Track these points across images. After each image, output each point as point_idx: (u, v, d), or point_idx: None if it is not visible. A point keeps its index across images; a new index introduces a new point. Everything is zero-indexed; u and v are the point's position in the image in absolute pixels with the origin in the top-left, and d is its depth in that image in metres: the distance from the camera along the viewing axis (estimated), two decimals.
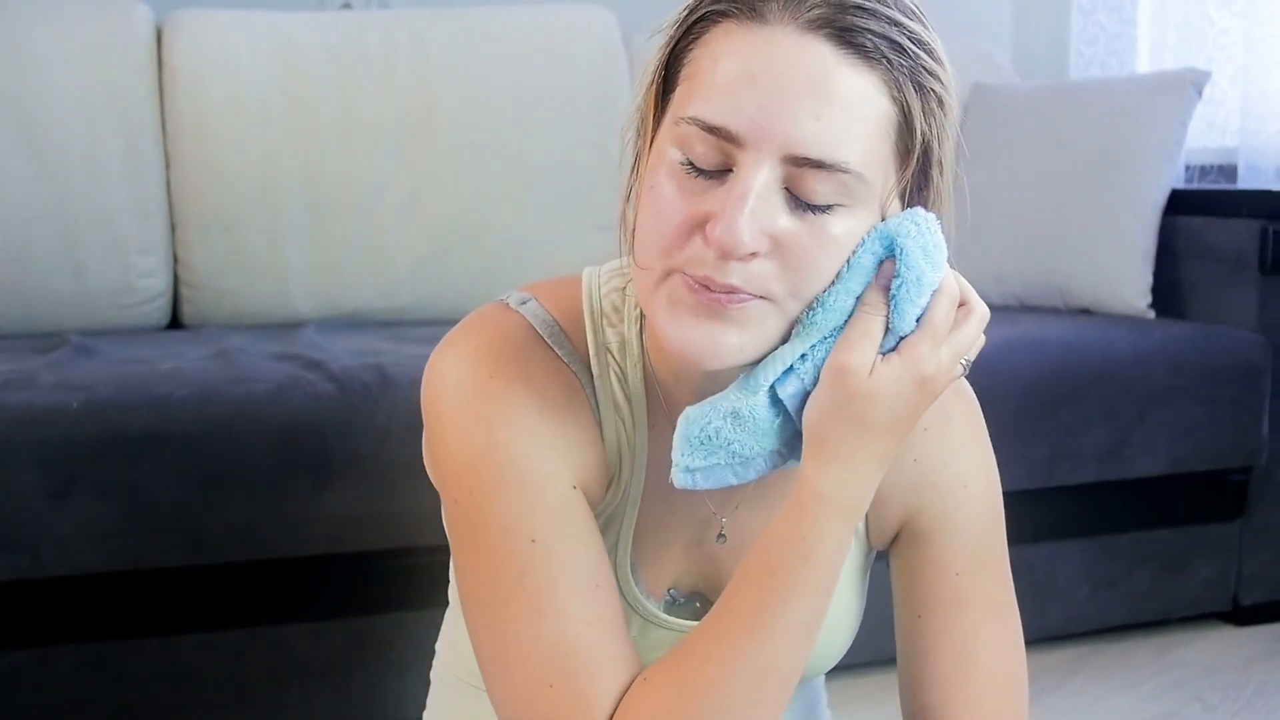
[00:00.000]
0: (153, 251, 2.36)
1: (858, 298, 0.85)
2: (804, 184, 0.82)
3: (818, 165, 0.81)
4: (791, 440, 0.89)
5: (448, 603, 1.15)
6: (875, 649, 1.25)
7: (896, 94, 0.83)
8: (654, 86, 0.87)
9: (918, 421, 0.88)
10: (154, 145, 2.36)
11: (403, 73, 2.47)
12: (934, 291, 0.85)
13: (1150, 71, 2.98)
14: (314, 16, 2.54)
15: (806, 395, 0.87)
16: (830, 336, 0.86)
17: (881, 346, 0.85)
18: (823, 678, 1.18)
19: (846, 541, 0.88)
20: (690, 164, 0.83)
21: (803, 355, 0.86)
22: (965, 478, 1.02)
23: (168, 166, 2.39)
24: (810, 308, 0.85)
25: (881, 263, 0.85)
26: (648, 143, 0.88)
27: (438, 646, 1.18)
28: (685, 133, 0.83)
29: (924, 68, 0.84)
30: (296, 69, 2.42)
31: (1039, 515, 2.04)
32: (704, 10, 0.84)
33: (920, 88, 0.84)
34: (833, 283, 0.85)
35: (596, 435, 0.96)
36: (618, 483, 0.98)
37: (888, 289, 0.84)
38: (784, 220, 0.82)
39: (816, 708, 1.18)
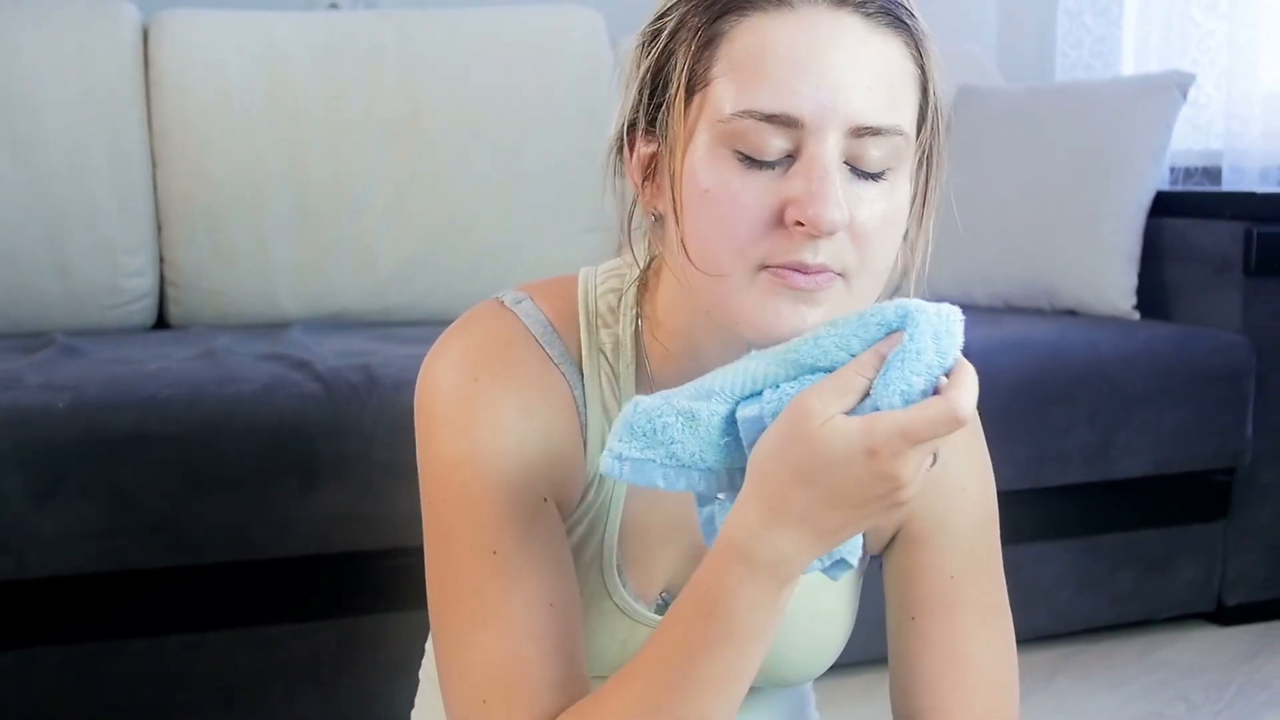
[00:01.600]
0: (139, 251, 2.35)
1: (852, 355, 0.81)
2: (862, 153, 0.83)
3: (876, 132, 0.82)
4: (734, 475, 0.85)
5: None
6: (863, 649, 1.25)
7: (916, 54, 0.86)
8: (680, 92, 0.86)
9: (865, 516, 0.80)
10: (140, 145, 2.36)
11: (389, 73, 2.47)
12: (936, 388, 0.79)
13: (1135, 74, 2.99)
14: (301, 17, 2.54)
15: (762, 429, 0.82)
16: (809, 378, 0.82)
17: (854, 410, 0.79)
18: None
19: (764, 604, 0.82)
20: (748, 158, 0.83)
21: (775, 384, 0.83)
22: (963, 481, 1.02)
23: (154, 166, 2.38)
24: (802, 339, 0.83)
25: (890, 334, 0.81)
26: (681, 150, 0.86)
27: (428, 645, 1.18)
28: (738, 128, 0.82)
29: (927, 32, 0.87)
30: (283, 69, 2.42)
31: (1024, 516, 2.03)
32: (721, 9, 0.84)
33: (929, 51, 0.87)
34: (831, 324, 0.83)
35: (579, 440, 0.96)
36: (600, 485, 0.98)
37: (884, 359, 0.80)
38: (850, 194, 0.83)
39: (805, 709, 1.18)
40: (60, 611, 1.71)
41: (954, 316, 0.81)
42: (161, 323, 2.43)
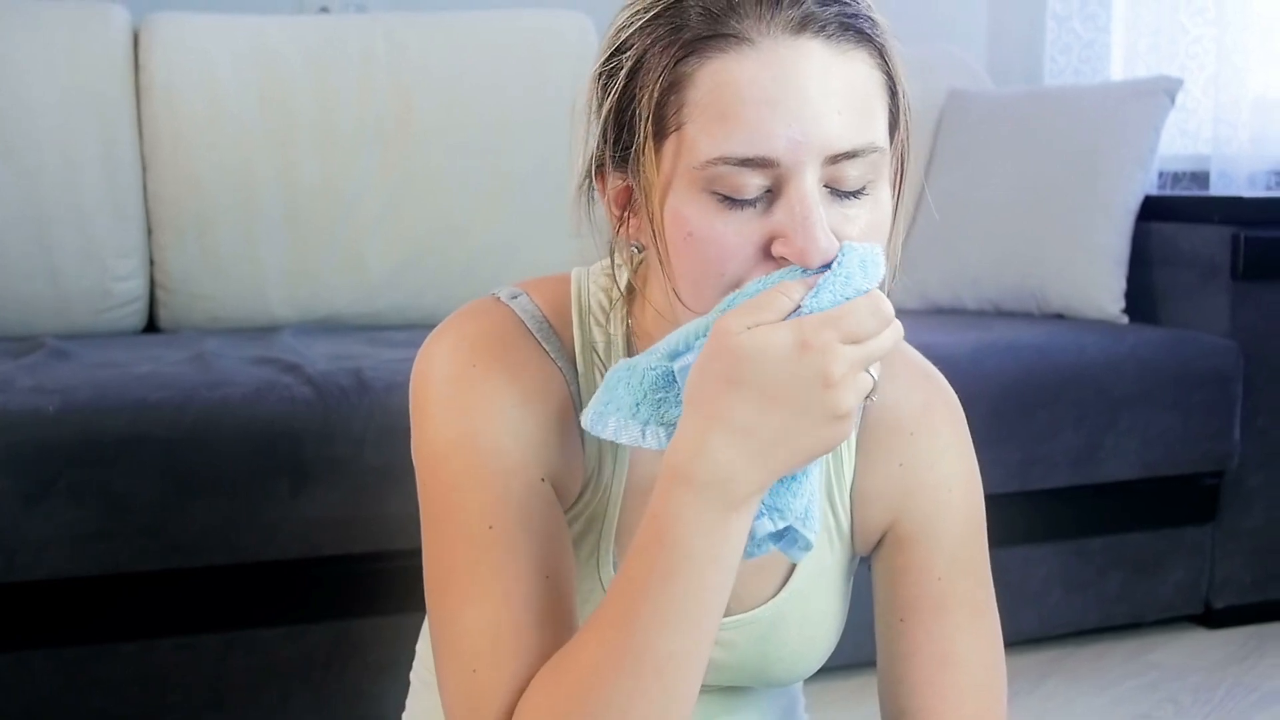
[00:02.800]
0: (129, 255, 2.35)
1: None
2: (840, 176, 0.83)
3: (853, 155, 0.82)
4: (673, 431, 0.85)
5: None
6: (852, 651, 1.26)
7: (881, 62, 0.85)
8: (649, 141, 0.85)
9: (802, 425, 0.79)
10: (130, 149, 2.36)
11: (380, 77, 2.47)
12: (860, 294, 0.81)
13: (1124, 79, 3.01)
14: (292, 20, 2.54)
15: None
16: None
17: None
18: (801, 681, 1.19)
19: (711, 529, 0.81)
20: (727, 198, 0.82)
21: (706, 333, 0.83)
22: (950, 482, 1.02)
23: (144, 170, 2.38)
24: (732, 294, 0.84)
25: (815, 274, 0.82)
26: (661, 198, 0.85)
27: (418, 648, 1.18)
28: (715, 173, 0.82)
29: (887, 29, 0.86)
30: (274, 73, 2.42)
31: (1012, 519, 2.05)
32: (682, 50, 0.83)
33: (892, 53, 0.86)
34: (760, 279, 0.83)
35: (576, 436, 0.97)
36: (597, 482, 0.99)
37: (810, 286, 0.81)
38: (834, 215, 0.83)
39: (794, 711, 1.19)
40: (50, 615, 1.71)
41: (878, 249, 0.83)
42: (151, 326, 2.43)
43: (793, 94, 0.81)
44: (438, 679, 0.94)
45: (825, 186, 0.83)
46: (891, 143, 0.87)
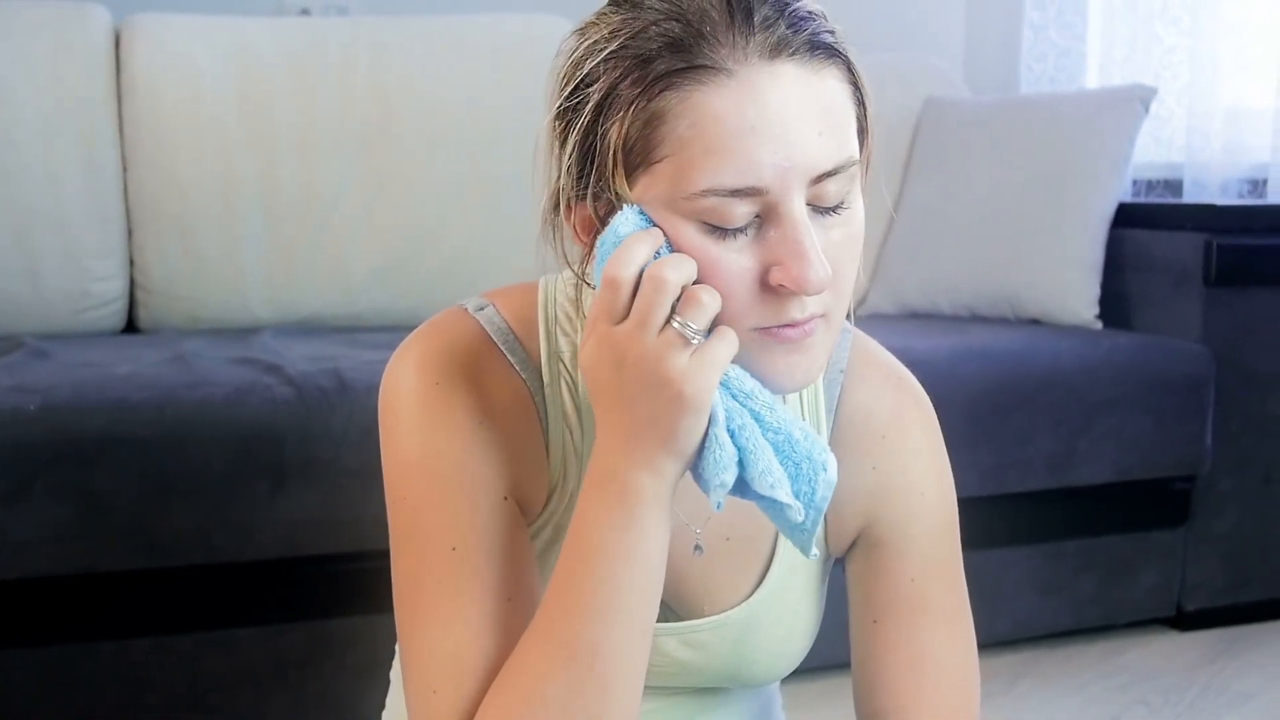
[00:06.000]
0: (109, 256, 2.35)
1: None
2: (822, 194, 0.84)
3: (833, 173, 0.83)
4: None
5: None
6: (828, 653, 1.27)
7: (849, 76, 0.86)
8: (620, 174, 0.84)
9: (642, 409, 0.83)
10: (111, 149, 2.36)
11: (361, 80, 2.47)
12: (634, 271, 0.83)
13: (1099, 87, 3.03)
14: (273, 23, 2.54)
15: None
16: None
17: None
18: (777, 681, 1.19)
19: (612, 522, 0.85)
20: (717, 228, 0.83)
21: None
22: (922, 485, 1.03)
23: (125, 171, 2.38)
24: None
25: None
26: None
27: (398, 647, 1.19)
28: (704, 205, 0.82)
29: (844, 37, 0.87)
30: (255, 75, 2.43)
31: (987, 522, 2.06)
32: (655, 84, 0.82)
33: (856, 66, 0.87)
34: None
35: (540, 445, 0.98)
36: (562, 491, 0.99)
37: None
38: (818, 231, 0.84)
39: (771, 711, 1.19)
40: (28, 614, 1.71)
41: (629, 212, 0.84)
42: (131, 327, 2.43)
43: (775, 121, 0.81)
44: (404, 691, 0.95)
45: (808, 205, 0.84)
46: (861, 149, 0.88)
